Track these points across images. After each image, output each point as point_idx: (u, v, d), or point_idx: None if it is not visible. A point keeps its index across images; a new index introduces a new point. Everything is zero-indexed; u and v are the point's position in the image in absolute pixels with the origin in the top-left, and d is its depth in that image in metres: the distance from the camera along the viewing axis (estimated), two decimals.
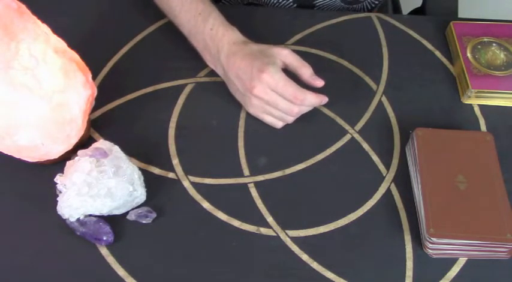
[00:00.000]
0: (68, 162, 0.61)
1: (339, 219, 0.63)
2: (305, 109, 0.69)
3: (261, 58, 0.66)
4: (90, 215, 0.60)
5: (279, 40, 0.80)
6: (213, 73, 0.74)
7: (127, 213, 0.62)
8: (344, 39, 0.81)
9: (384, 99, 0.74)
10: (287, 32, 0.82)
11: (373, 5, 0.93)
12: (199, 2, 0.72)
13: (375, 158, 0.68)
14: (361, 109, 0.73)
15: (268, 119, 0.70)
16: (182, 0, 0.73)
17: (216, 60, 0.71)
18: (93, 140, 0.68)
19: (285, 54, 0.68)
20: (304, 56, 0.69)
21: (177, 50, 0.76)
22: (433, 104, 0.74)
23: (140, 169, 0.63)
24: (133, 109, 0.73)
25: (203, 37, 0.71)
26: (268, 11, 0.87)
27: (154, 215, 0.62)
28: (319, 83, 0.68)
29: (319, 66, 0.69)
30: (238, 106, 0.72)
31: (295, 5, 0.88)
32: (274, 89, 0.65)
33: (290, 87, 0.65)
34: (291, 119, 0.70)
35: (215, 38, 0.70)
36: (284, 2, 0.88)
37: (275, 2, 0.88)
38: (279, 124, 0.70)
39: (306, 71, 0.68)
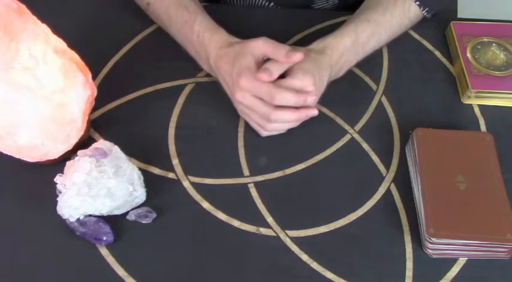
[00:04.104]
0: (68, 162, 0.61)
1: (339, 219, 0.63)
2: (286, 117, 0.64)
3: (239, 60, 0.64)
4: (90, 215, 0.60)
5: (279, 40, 0.80)
6: None
7: (127, 213, 0.62)
8: None
9: (384, 99, 0.74)
10: (287, 32, 0.82)
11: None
12: (184, 11, 0.72)
13: (375, 158, 0.68)
14: (361, 109, 0.73)
15: (252, 125, 0.68)
16: (169, 12, 0.73)
17: (209, 65, 0.71)
18: (93, 140, 0.67)
19: (258, 46, 0.64)
20: None
21: (177, 50, 0.76)
22: (433, 104, 0.74)
23: (140, 169, 0.63)
24: (134, 109, 0.73)
25: (193, 44, 0.71)
26: (269, 12, 0.87)
27: (154, 215, 0.62)
28: (298, 56, 0.62)
29: None
30: None
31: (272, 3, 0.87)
32: (251, 91, 0.63)
33: (265, 86, 0.62)
34: (269, 128, 0.66)
35: (203, 44, 0.69)
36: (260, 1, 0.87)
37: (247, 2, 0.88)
38: (262, 132, 0.68)
39: (280, 54, 0.63)
